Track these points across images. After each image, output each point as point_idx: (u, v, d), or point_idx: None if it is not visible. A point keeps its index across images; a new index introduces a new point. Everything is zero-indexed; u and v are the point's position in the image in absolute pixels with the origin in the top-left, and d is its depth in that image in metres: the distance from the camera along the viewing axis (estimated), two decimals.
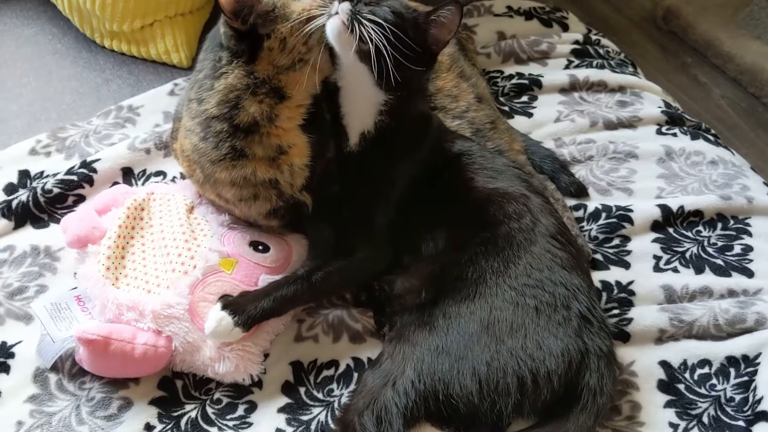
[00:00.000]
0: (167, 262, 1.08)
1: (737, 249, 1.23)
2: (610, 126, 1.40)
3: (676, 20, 2.57)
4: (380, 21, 0.94)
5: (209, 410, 1.01)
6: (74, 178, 1.24)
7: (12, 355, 1.05)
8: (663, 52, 2.56)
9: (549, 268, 0.99)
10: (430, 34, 1.01)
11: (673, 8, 2.59)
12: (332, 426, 0.99)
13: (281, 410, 1.02)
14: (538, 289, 0.97)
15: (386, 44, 0.93)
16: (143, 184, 1.27)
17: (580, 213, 1.27)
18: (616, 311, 1.14)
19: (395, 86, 1.00)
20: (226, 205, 1.13)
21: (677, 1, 2.62)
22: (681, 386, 1.07)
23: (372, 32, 0.93)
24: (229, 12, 0.97)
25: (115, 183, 1.26)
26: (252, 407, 1.02)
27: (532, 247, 1.00)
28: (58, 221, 1.20)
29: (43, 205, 1.21)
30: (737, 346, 1.11)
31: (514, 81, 1.47)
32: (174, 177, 1.27)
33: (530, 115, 1.43)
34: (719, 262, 1.21)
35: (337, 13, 0.96)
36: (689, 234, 1.25)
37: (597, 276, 1.17)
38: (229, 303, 1.01)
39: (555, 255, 1.00)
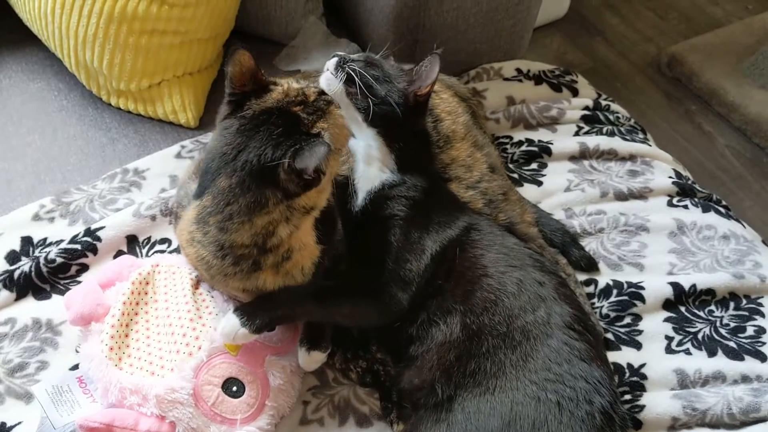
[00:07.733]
0: (172, 342, 1.06)
1: (750, 331, 1.21)
2: (621, 197, 1.38)
3: (681, 67, 2.57)
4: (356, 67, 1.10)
5: None
6: (78, 247, 1.22)
7: None
8: (667, 98, 2.55)
9: (568, 362, 0.97)
10: (413, 83, 1.12)
11: (678, 55, 2.58)
12: None
13: None
14: (559, 384, 0.95)
15: (365, 82, 1.09)
16: (148, 251, 1.25)
17: (591, 288, 1.26)
18: (628, 396, 1.12)
19: (384, 125, 1.11)
20: None
21: (682, 48, 2.61)
22: None
23: (353, 72, 1.08)
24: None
25: (120, 251, 1.24)
26: None
27: (549, 341, 0.98)
28: (60, 292, 1.18)
29: (45, 275, 1.19)
30: None
31: (523, 147, 1.45)
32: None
33: (540, 183, 1.41)
34: (732, 344, 1.19)
35: (327, 69, 1.11)
36: (701, 314, 1.23)
37: (609, 357, 1.14)
38: (241, 307, 1.03)
39: (573, 347, 0.98)
